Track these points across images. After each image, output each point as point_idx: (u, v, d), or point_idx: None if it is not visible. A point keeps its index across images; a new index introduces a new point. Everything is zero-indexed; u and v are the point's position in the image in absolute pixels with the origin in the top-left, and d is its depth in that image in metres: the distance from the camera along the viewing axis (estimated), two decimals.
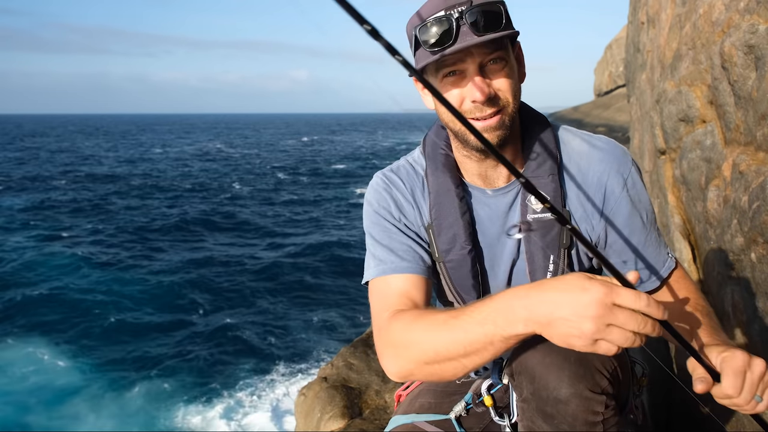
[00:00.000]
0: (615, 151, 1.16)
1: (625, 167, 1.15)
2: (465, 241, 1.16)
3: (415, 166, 1.25)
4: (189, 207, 22.68)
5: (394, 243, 1.19)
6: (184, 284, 13.30)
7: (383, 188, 1.24)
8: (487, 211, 1.18)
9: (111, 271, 14.25)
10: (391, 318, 1.06)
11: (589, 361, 0.96)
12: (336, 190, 28.01)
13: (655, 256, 1.17)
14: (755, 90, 1.48)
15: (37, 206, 22.79)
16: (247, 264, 14.90)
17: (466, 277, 1.19)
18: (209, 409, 8.31)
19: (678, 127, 2.12)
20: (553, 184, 1.12)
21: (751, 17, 1.53)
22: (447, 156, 1.20)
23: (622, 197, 1.13)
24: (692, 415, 1.90)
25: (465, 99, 1.03)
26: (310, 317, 11.42)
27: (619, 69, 50.53)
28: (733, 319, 1.62)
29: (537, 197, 0.79)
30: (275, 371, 9.31)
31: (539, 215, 1.12)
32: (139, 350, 10.12)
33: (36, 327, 11.02)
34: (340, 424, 2.57)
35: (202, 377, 9.19)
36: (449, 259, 1.18)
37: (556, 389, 0.95)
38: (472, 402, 1.33)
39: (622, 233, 1.15)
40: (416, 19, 1.04)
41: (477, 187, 1.18)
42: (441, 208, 1.17)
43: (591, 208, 1.14)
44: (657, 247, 1.18)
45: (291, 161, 43.33)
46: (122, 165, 39.68)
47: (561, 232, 1.13)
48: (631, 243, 1.15)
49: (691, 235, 2.06)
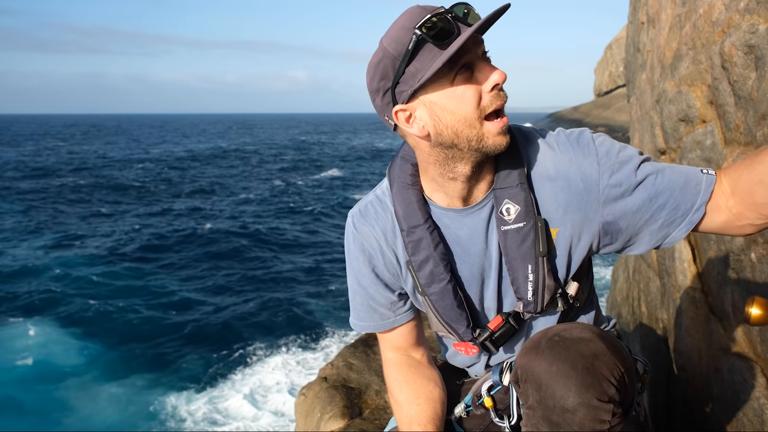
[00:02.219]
0: (570, 138, 1.12)
1: (588, 147, 1.09)
2: (442, 273, 1.16)
3: (383, 200, 1.23)
4: (189, 207, 22.68)
5: (372, 298, 1.27)
6: (184, 283, 13.30)
7: (352, 240, 1.26)
8: (466, 231, 1.15)
9: (113, 269, 14.25)
10: (385, 363, 1.35)
11: (597, 369, 0.96)
12: (336, 190, 28.00)
13: (681, 194, 1.04)
14: (755, 90, 1.48)
15: (39, 206, 22.78)
16: (248, 263, 14.90)
17: (451, 307, 1.19)
18: (209, 409, 8.31)
19: (678, 127, 2.12)
20: (523, 192, 1.09)
21: (751, 17, 1.53)
22: (414, 189, 1.16)
23: (603, 172, 1.06)
24: (692, 415, 1.90)
25: (483, 93, 1.00)
26: (310, 317, 11.41)
27: (619, 69, 50.53)
28: (733, 319, 1.62)
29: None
30: (275, 371, 9.31)
31: (512, 226, 1.10)
32: (137, 347, 10.12)
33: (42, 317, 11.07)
34: (340, 424, 2.57)
35: (201, 377, 9.18)
36: (431, 291, 1.18)
37: (563, 398, 0.95)
38: (472, 403, 1.33)
39: (630, 199, 1.06)
40: (401, 33, 0.97)
41: (453, 209, 1.14)
42: (414, 245, 1.16)
43: (575, 204, 1.09)
44: (679, 180, 1.04)
45: (291, 161, 43.32)
46: (121, 165, 39.66)
47: (536, 241, 1.10)
48: (644, 199, 1.05)
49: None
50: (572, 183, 1.08)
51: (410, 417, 1.25)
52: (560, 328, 1.09)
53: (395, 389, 1.31)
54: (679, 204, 1.04)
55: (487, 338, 1.19)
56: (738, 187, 1.00)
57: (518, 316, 1.18)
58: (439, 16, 0.96)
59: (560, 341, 1.02)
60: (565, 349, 1.00)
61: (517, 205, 1.09)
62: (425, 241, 1.15)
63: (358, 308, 1.31)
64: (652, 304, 2.64)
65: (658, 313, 2.53)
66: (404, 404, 1.28)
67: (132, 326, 11.07)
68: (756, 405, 1.46)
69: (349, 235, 1.27)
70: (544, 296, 1.13)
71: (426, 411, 1.25)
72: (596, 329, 1.08)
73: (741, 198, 1.00)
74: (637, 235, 1.09)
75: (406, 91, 1.00)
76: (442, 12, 0.97)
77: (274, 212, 21.95)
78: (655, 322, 2.57)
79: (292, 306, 12.04)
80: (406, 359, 1.34)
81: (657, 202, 1.05)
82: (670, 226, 1.06)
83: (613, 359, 1.00)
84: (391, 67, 0.99)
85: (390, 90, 1.01)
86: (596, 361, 0.98)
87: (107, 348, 10.23)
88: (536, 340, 1.07)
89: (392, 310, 1.28)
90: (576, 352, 0.99)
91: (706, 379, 1.78)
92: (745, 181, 0.98)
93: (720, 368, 1.67)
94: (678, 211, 1.04)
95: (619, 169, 1.06)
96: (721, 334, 1.69)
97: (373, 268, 1.24)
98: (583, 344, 1.01)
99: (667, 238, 1.08)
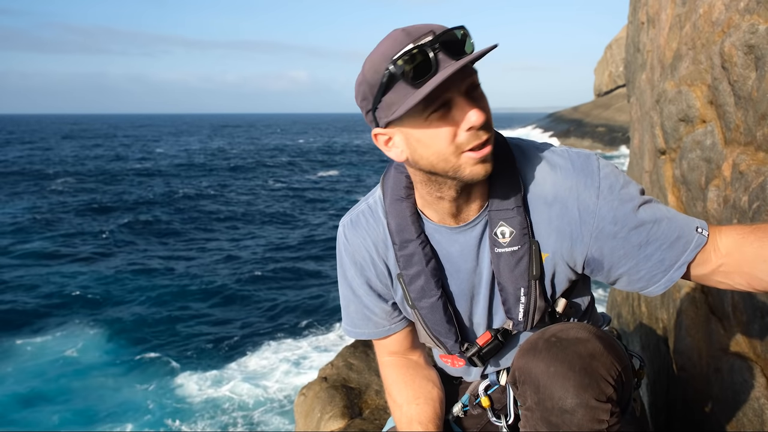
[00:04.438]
0: (574, 163, 1.08)
1: (591, 177, 1.06)
2: (433, 289, 1.16)
3: (375, 210, 1.22)
4: (189, 206, 22.67)
5: (367, 308, 1.28)
6: (184, 283, 13.29)
7: (344, 249, 1.26)
8: (457, 247, 1.15)
9: (116, 267, 14.25)
10: (382, 366, 1.36)
11: (594, 369, 0.97)
12: (335, 191, 27.99)
13: (669, 249, 1.03)
14: (755, 90, 1.48)
15: (41, 206, 22.77)
16: (247, 263, 14.89)
17: (440, 322, 1.20)
18: (209, 409, 8.30)
19: (678, 127, 2.12)
20: (519, 216, 1.08)
21: (751, 17, 1.53)
22: (407, 202, 1.16)
23: (601, 206, 1.05)
24: (692, 415, 1.90)
25: (458, 131, 0.96)
26: (310, 317, 11.41)
27: (619, 69, 50.52)
28: (733, 319, 1.62)
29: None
30: (275, 371, 9.31)
31: (507, 249, 1.09)
32: (137, 346, 10.12)
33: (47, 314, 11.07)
34: (340, 424, 2.57)
35: (201, 377, 9.18)
36: (421, 306, 1.19)
37: (562, 399, 0.95)
38: (469, 403, 1.33)
39: (620, 240, 1.05)
40: (378, 61, 0.94)
41: (445, 226, 1.14)
42: (407, 260, 1.16)
43: (568, 232, 1.08)
44: (672, 235, 1.03)
45: (290, 160, 43.29)
46: (121, 165, 39.64)
47: (530, 264, 1.09)
48: (634, 244, 1.04)
49: None
50: (569, 211, 1.07)
51: (410, 416, 1.25)
52: (557, 328, 1.08)
53: (393, 390, 1.31)
54: (664, 258, 1.04)
55: (475, 353, 1.21)
56: (742, 255, 0.99)
57: (507, 333, 1.20)
58: (419, 48, 0.91)
59: (557, 342, 1.02)
60: (563, 350, 1.00)
61: (512, 228, 1.09)
62: (417, 256, 1.15)
63: (353, 315, 1.31)
64: (652, 304, 2.64)
65: (658, 313, 2.52)
66: (403, 404, 1.28)
67: (132, 325, 11.06)
68: (756, 405, 1.46)
69: (341, 245, 1.27)
70: (534, 316, 1.15)
71: (426, 411, 1.25)
72: (593, 329, 1.08)
73: (738, 265, 1.00)
74: (616, 278, 1.10)
75: (383, 119, 0.99)
76: (424, 44, 0.91)
77: (274, 212, 21.94)
78: (655, 322, 2.57)
79: (292, 306, 12.05)
80: (403, 361, 1.34)
81: (644, 252, 1.04)
82: (650, 281, 1.07)
83: (610, 359, 1.00)
84: (369, 92, 0.98)
85: (371, 111, 1.00)
86: (594, 362, 0.98)
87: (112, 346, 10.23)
88: (533, 341, 1.07)
89: (387, 319, 1.29)
90: (573, 353, 0.99)
91: (706, 379, 1.78)
92: (752, 252, 0.97)
93: (720, 368, 1.67)
94: (662, 265, 1.05)
95: (617, 207, 1.04)
96: (721, 334, 1.69)
97: (366, 279, 1.25)
98: (580, 344, 1.01)
99: (644, 290, 1.09)
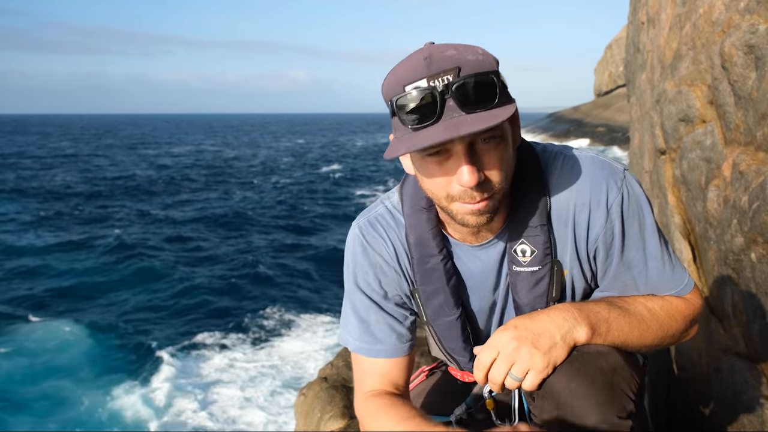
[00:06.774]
0: (593, 178, 1.03)
1: (608, 194, 1.02)
2: (453, 308, 1.13)
3: (396, 216, 1.16)
4: (189, 205, 22.69)
5: (371, 321, 1.17)
6: (179, 280, 13.30)
7: (361, 252, 1.16)
8: (478, 264, 1.12)
9: (119, 266, 14.26)
10: (364, 399, 1.14)
11: (616, 384, 0.94)
12: (333, 192, 28.00)
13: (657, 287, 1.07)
14: (755, 90, 1.48)
15: (43, 206, 22.80)
16: (246, 262, 14.89)
17: (457, 340, 1.16)
18: (207, 409, 8.31)
19: (678, 127, 2.12)
20: (543, 235, 1.04)
21: (751, 17, 1.53)
22: (429, 215, 1.10)
23: (608, 231, 1.04)
24: (692, 415, 1.90)
25: (452, 181, 0.92)
26: (310, 317, 11.41)
27: (619, 69, 50.51)
28: (733, 319, 1.62)
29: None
30: (274, 371, 9.31)
31: (526, 269, 1.07)
32: (130, 344, 10.12)
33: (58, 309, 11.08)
34: (340, 424, 2.57)
35: (200, 376, 9.18)
36: (438, 324, 1.15)
37: (583, 417, 0.93)
38: (473, 405, 1.32)
39: (615, 267, 1.07)
40: (393, 82, 0.91)
41: (465, 244, 1.11)
42: (425, 275, 1.11)
43: (584, 252, 1.07)
44: (661, 275, 1.06)
45: (289, 159, 43.33)
46: (120, 165, 39.69)
47: (550, 285, 1.07)
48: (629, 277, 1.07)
49: (691, 235, 2.06)
50: (580, 227, 1.06)
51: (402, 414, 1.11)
52: None
53: (382, 416, 1.09)
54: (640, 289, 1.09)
55: None
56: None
57: None
58: (430, 90, 0.86)
59: (578, 356, 0.98)
60: (584, 364, 0.96)
61: (534, 248, 1.05)
62: (438, 272, 1.10)
63: (354, 327, 1.18)
64: None
65: None
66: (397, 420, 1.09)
67: (130, 326, 11.07)
68: (756, 405, 1.46)
69: (357, 247, 1.17)
70: None
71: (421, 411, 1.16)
72: None
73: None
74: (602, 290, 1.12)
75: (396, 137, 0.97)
76: (435, 86, 0.86)
77: (273, 211, 21.95)
78: None
79: (292, 306, 12.05)
80: (396, 397, 1.16)
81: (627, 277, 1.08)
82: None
83: (630, 372, 0.97)
84: (386, 104, 0.96)
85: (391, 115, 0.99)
86: (615, 377, 0.95)
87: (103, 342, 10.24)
88: None
89: (389, 335, 1.16)
90: (595, 368, 0.95)
91: (706, 379, 1.78)
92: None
93: (720, 368, 1.67)
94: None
95: (614, 238, 1.05)
96: (721, 334, 1.69)
97: (380, 279, 1.16)
98: (602, 358, 0.97)
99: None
